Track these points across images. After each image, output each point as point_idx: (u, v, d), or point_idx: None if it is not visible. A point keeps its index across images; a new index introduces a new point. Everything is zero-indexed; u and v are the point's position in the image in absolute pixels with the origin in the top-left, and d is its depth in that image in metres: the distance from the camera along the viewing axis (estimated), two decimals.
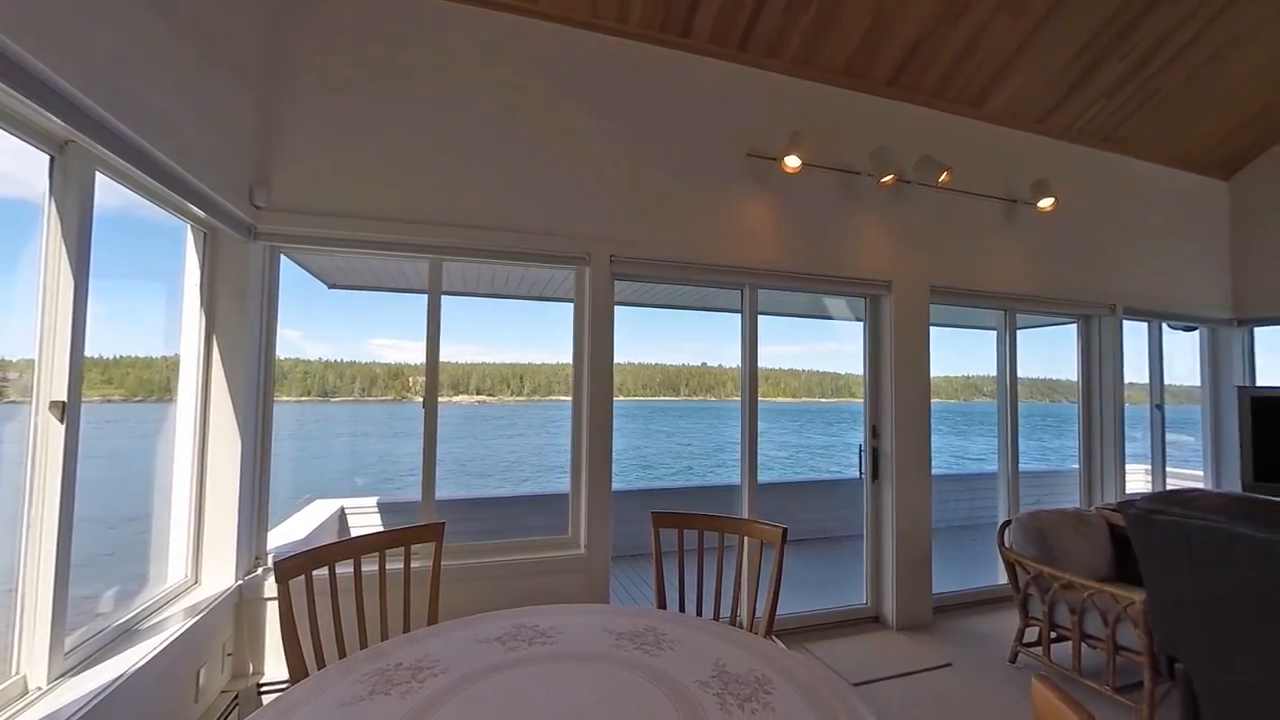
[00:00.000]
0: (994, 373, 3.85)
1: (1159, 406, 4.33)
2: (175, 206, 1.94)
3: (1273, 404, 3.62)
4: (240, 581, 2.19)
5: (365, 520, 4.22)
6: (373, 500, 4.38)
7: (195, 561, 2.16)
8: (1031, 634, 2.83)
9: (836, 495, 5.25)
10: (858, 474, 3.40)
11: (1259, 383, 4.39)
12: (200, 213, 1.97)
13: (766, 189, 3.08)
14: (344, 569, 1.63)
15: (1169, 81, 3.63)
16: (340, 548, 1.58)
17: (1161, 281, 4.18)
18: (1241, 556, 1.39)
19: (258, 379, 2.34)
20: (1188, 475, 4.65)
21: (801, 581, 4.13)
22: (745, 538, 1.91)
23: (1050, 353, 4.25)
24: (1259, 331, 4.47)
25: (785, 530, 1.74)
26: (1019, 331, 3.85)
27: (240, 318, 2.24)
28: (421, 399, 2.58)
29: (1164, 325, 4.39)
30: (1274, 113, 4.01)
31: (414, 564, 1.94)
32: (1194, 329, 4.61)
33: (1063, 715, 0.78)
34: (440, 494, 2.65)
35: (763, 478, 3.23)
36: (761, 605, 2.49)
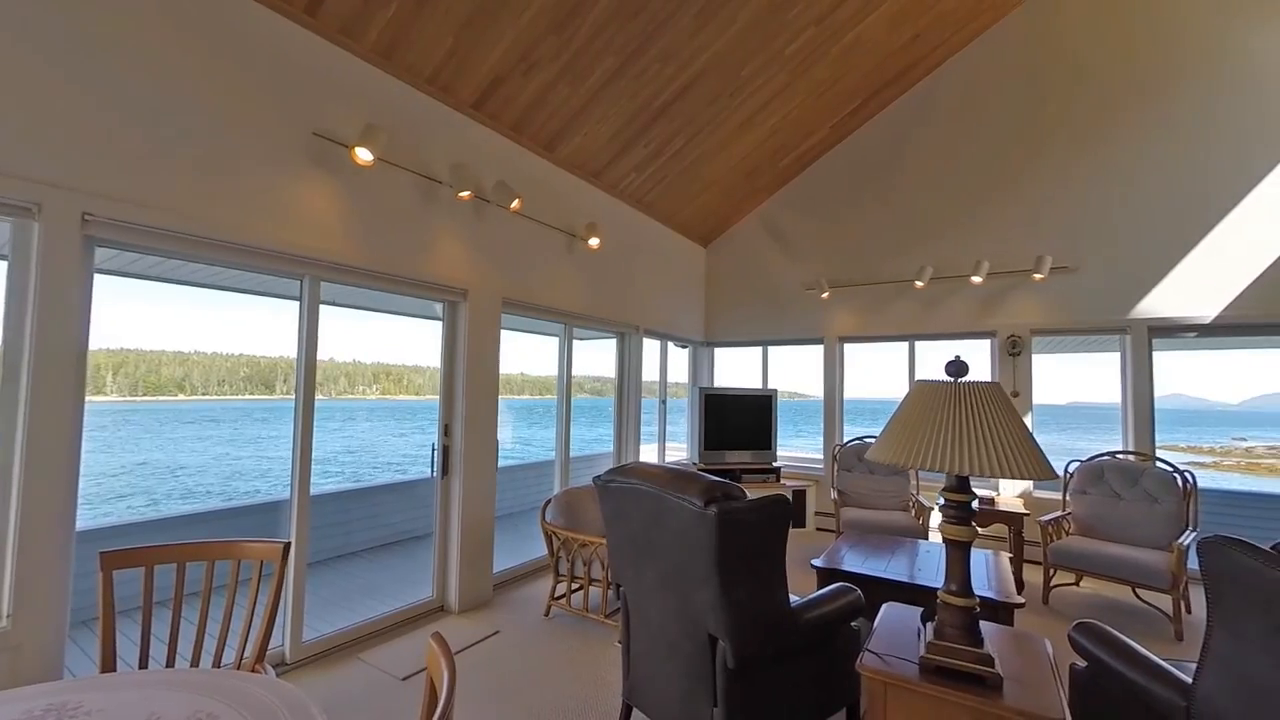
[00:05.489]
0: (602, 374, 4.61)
1: (664, 401, 6.03)
2: None
3: (715, 399, 5.52)
4: None
5: None
6: None
7: None
8: (562, 589, 3.50)
9: (415, 494, 5.31)
10: (429, 472, 3.52)
11: (715, 384, 6.63)
12: None
13: (336, 176, 2.86)
14: None
15: (673, 171, 5.11)
16: None
17: (668, 312, 5.84)
18: (640, 504, 2.07)
19: None
20: (679, 448, 6.61)
21: (372, 588, 3.99)
22: (241, 561, 1.71)
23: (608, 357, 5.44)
24: (717, 350, 6.76)
25: (288, 545, 1.64)
26: (581, 342, 4.73)
27: None
28: None
29: (670, 343, 6.15)
30: (722, 210, 6.13)
31: None
32: (687, 346, 6.61)
33: (436, 656, 0.99)
34: None
35: (388, 477, 2.97)
36: (290, 634, 2.23)
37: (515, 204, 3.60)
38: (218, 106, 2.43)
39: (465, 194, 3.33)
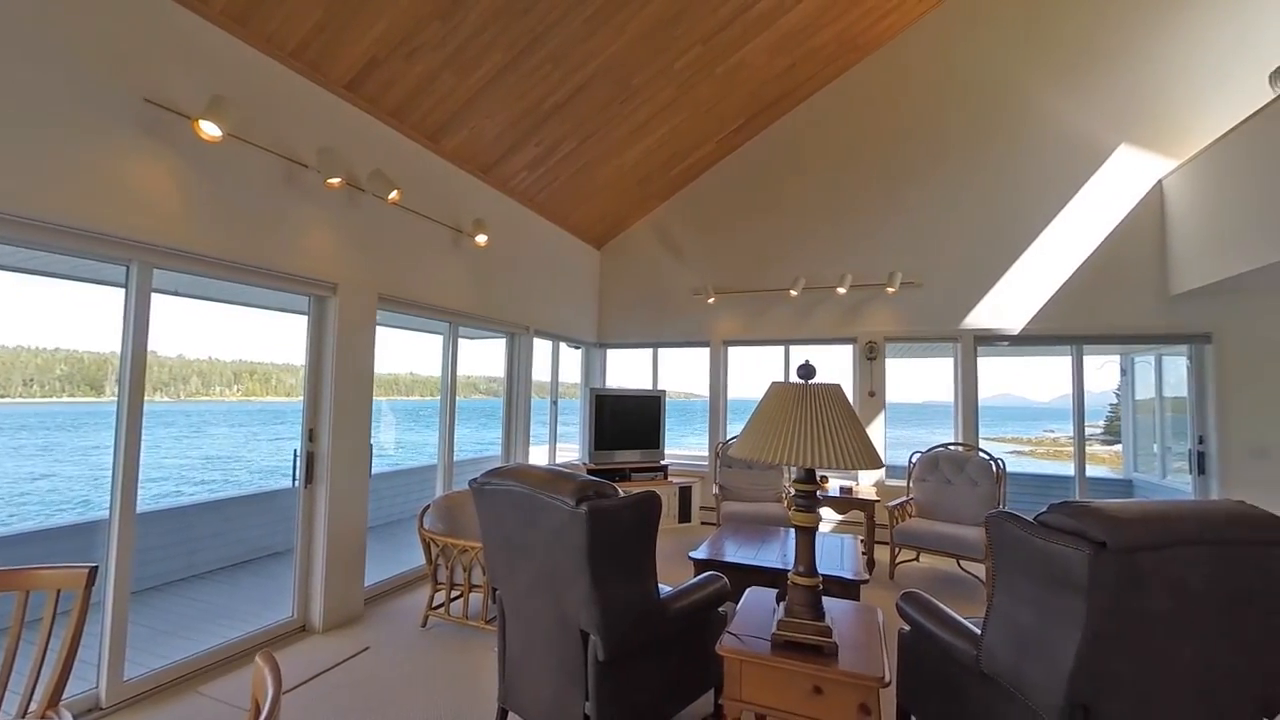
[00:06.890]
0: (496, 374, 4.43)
1: (555, 401, 6.00)
2: None
3: (606, 400, 5.60)
4: None
5: None
6: None
7: None
8: (441, 598, 3.37)
9: (275, 506, 4.82)
10: (291, 481, 3.22)
11: (608, 385, 6.72)
12: None
13: (175, 151, 2.54)
14: None
15: (565, 172, 5.11)
16: None
17: (561, 313, 5.82)
18: (515, 505, 2.06)
19: None
20: (571, 448, 6.61)
21: (221, 612, 3.58)
22: (30, 592, 1.47)
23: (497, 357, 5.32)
24: (610, 352, 6.85)
25: (94, 570, 1.43)
26: (477, 342, 4.57)
27: None
28: None
29: (562, 343, 6.14)
30: (615, 214, 6.24)
31: None
32: (579, 347, 6.63)
33: (260, 673, 0.93)
34: None
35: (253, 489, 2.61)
36: (106, 673, 1.93)
37: (394, 195, 3.41)
38: (10, 53, 2.06)
39: (335, 180, 3.10)
